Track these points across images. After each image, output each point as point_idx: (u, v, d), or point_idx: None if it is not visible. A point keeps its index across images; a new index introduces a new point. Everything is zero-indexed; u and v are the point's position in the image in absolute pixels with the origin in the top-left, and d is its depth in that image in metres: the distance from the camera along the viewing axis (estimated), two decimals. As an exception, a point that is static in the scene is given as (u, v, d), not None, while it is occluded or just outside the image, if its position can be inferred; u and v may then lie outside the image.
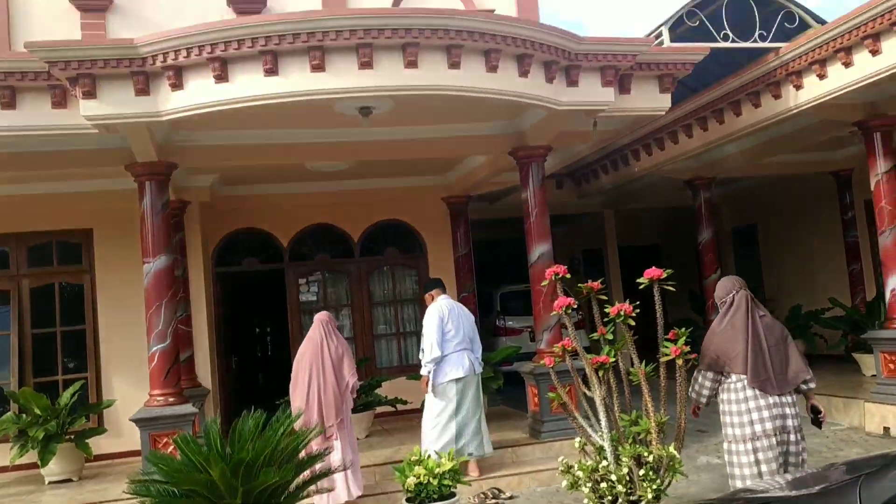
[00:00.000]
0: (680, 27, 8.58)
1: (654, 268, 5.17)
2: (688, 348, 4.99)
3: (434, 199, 11.32)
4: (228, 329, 11.85)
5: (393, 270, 11.50)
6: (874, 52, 7.28)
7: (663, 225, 17.02)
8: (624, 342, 5.15)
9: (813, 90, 8.11)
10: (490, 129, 8.22)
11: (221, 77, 6.24)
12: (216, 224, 10.62)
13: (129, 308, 9.14)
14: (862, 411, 8.79)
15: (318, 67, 6.20)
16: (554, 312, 5.23)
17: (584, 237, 16.73)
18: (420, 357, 7.32)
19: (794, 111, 8.42)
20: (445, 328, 7.15)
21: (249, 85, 6.27)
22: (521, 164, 8.36)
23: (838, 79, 7.75)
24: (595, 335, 5.24)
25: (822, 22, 8.51)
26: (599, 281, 5.25)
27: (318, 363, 6.77)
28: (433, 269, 11.29)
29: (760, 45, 8.59)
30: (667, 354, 4.96)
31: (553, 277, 5.29)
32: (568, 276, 5.30)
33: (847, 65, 7.59)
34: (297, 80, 6.25)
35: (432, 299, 7.49)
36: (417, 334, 9.63)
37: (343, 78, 6.27)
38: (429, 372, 7.13)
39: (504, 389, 10.10)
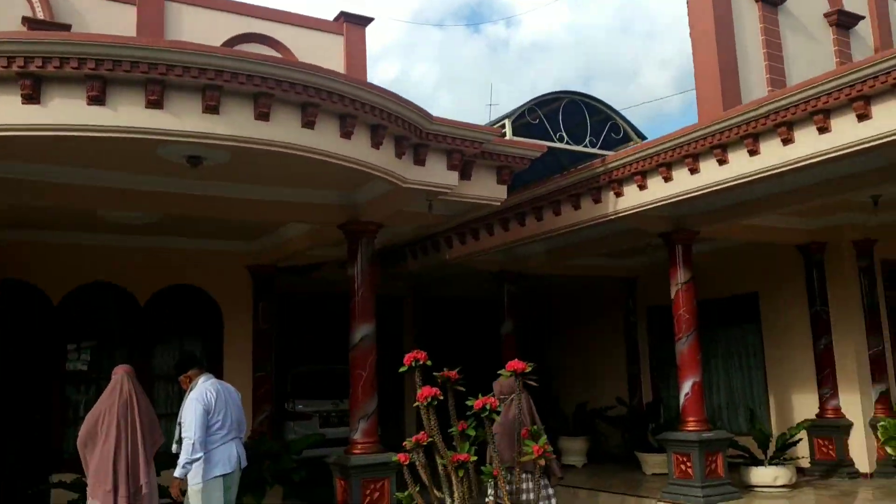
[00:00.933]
0: (520, 121, 8.78)
1: (516, 360, 4.98)
2: (550, 447, 4.85)
3: (237, 267, 10.45)
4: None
5: (182, 340, 10.32)
6: (693, 171, 7.86)
7: (465, 315, 17.02)
8: (483, 437, 4.83)
9: (631, 199, 8.56)
10: (325, 198, 7.71)
11: (32, 98, 5.23)
12: (-29, 271, 8.96)
13: None
14: (654, 511, 9.09)
15: (156, 104, 5.41)
16: (417, 403, 4.75)
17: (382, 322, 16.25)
18: (175, 450, 6.01)
19: (612, 217, 8.83)
20: (212, 420, 6.00)
21: (67, 111, 5.32)
22: (352, 238, 7.92)
23: (658, 191, 8.25)
24: (454, 429, 4.84)
25: (643, 137, 9.12)
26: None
27: (127, 421, 5.70)
28: (229, 342, 10.34)
29: (590, 150, 9.02)
30: (529, 453, 4.76)
31: (413, 363, 4.85)
32: (429, 362, 4.88)
33: (667, 179, 8.12)
34: (127, 114, 5.40)
35: (189, 381, 6.24)
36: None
37: (183, 119, 5.53)
38: (185, 473, 5.88)
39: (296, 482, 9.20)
